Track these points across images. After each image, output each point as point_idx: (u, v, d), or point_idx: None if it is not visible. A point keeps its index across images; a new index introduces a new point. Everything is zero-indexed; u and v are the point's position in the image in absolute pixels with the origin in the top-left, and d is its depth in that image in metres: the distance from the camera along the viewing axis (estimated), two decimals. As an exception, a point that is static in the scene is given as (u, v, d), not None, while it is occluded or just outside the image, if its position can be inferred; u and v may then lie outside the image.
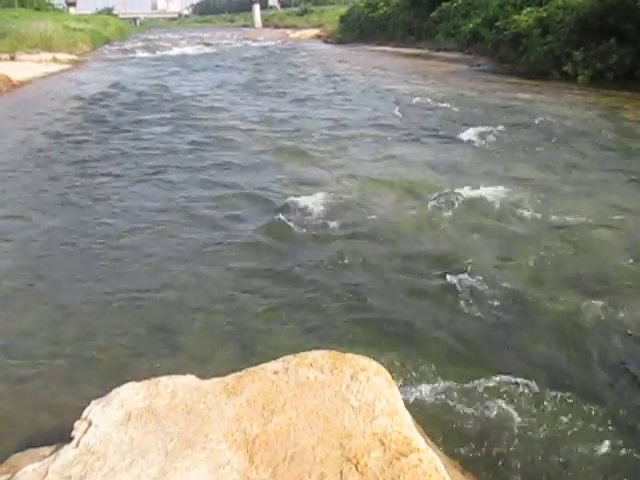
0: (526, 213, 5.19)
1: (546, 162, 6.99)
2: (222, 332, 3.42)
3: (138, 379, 2.24)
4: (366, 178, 6.33)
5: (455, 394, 2.75)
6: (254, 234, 4.91)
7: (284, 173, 6.74)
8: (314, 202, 5.54)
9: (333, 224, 5.08)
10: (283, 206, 5.54)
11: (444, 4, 26.36)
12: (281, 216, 5.20)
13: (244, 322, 3.52)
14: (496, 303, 3.69)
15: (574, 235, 4.68)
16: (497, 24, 19.03)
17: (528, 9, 17.67)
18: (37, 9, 41.46)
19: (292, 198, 5.63)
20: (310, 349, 2.27)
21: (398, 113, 10.45)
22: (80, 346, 3.32)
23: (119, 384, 2.22)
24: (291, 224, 5.05)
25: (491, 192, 5.63)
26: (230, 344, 3.29)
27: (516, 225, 4.99)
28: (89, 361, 3.18)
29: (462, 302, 3.72)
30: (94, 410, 2.05)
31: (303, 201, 5.55)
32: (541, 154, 7.41)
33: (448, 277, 4.04)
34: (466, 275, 4.05)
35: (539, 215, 5.12)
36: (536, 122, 9.55)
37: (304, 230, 4.95)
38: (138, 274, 4.18)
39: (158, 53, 29.55)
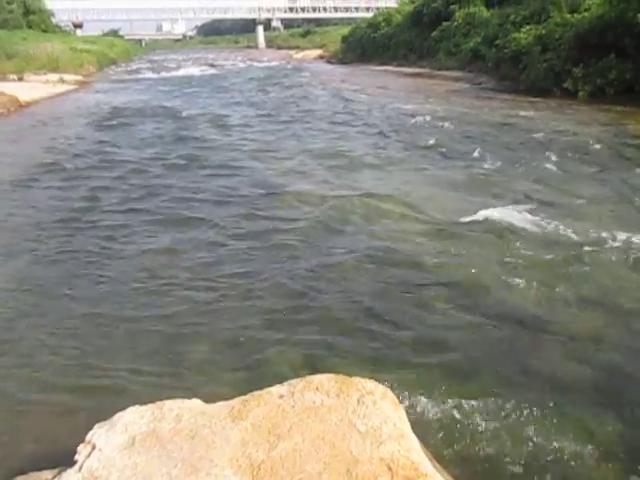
0: (530, 230, 5.18)
1: (548, 179, 6.99)
2: (227, 354, 3.39)
3: (142, 402, 2.23)
4: (369, 196, 6.32)
5: (464, 417, 2.71)
6: (256, 252, 4.90)
7: (288, 188, 6.74)
8: (317, 219, 5.55)
9: (336, 242, 5.08)
10: (286, 221, 5.56)
11: (444, 23, 26.67)
12: (284, 233, 5.21)
13: (249, 343, 3.49)
14: (504, 322, 3.66)
15: (579, 252, 4.66)
16: (497, 42, 19.23)
17: (527, 27, 17.86)
18: (45, 31, 41.99)
19: (292, 214, 5.65)
20: (316, 371, 2.25)
21: (402, 132, 10.51)
22: (84, 368, 3.30)
23: (123, 407, 2.21)
24: (294, 241, 5.05)
25: (495, 210, 5.62)
26: (235, 366, 3.26)
27: (520, 242, 4.96)
28: (93, 383, 3.15)
29: (470, 321, 3.70)
30: (98, 434, 2.04)
31: (306, 217, 5.56)
32: (543, 171, 7.42)
33: (454, 295, 4.02)
34: (472, 293, 4.03)
35: (543, 232, 5.11)
36: (538, 139, 9.60)
37: (307, 248, 4.95)
38: (142, 297, 4.14)
39: (163, 74, 29.80)
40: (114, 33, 75.50)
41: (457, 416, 2.71)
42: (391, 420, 1.93)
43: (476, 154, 8.31)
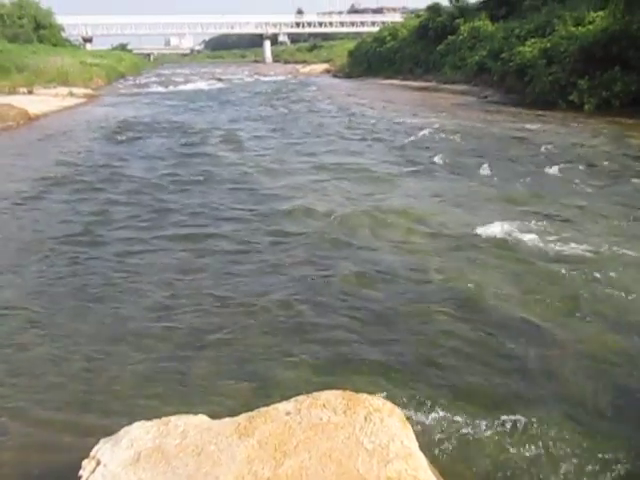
0: (537, 244, 5.15)
1: (556, 192, 6.96)
2: (233, 368, 3.37)
3: (148, 417, 2.21)
4: (376, 210, 6.32)
5: (472, 435, 2.68)
6: (263, 267, 4.89)
7: (295, 203, 6.73)
8: (324, 233, 5.55)
9: (343, 257, 5.07)
10: (293, 236, 5.56)
11: (450, 37, 26.84)
12: (291, 248, 5.21)
13: (255, 358, 3.48)
14: (512, 338, 3.63)
15: (587, 267, 4.62)
16: (502, 56, 19.31)
17: (532, 40, 17.95)
18: (55, 45, 42.50)
19: (301, 229, 5.66)
20: (322, 387, 2.24)
21: (408, 146, 10.52)
22: (90, 382, 3.29)
23: (128, 421, 2.20)
24: (301, 256, 5.05)
25: (502, 224, 5.60)
26: (242, 380, 3.24)
27: (528, 256, 4.94)
28: (98, 397, 3.14)
29: (477, 337, 3.67)
30: (103, 449, 2.03)
31: (313, 232, 5.57)
32: (550, 184, 7.40)
33: (461, 311, 4.00)
34: (479, 308, 4.01)
35: (550, 246, 5.08)
36: (545, 152, 9.60)
37: (314, 263, 4.94)
38: (149, 312, 4.14)
39: (171, 88, 30.00)
40: (123, 47, 76.46)
41: (465, 434, 2.68)
42: (398, 438, 1.90)
43: (483, 168, 8.30)
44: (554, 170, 8.18)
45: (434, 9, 29.37)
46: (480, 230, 5.53)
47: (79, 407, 3.07)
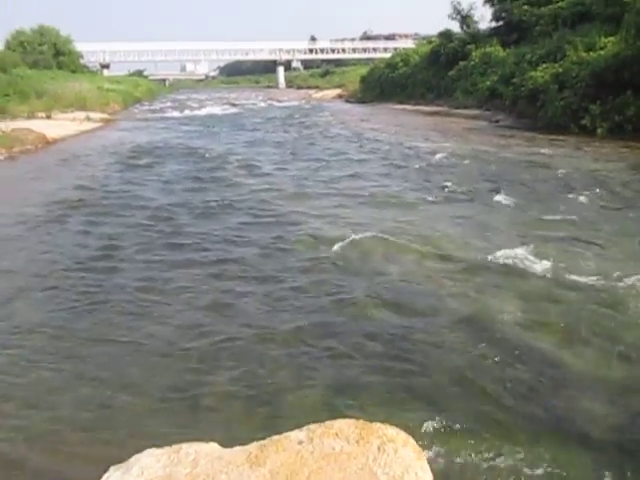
0: (551, 270, 5.09)
1: (569, 217, 6.91)
2: (244, 395, 3.34)
3: (158, 443, 2.19)
4: (389, 235, 6.29)
5: (488, 466, 2.62)
6: (276, 292, 4.87)
7: (305, 225, 6.77)
8: (336, 259, 5.54)
9: (355, 282, 5.05)
10: (307, 261, 5.55)
11: (461, 63, 27.12)
12: (305, 273, 5.20)
13: (266, 384, 3.45)
14: (527, 366, 3.57)
15: (601, 294, 4.57)
16: (514, 81, 19.46)
17: (544, 65, 18.06)
18: (73, 71, 43.51)
19: (312, 250, 5.66)
20: (334, 414, 2.21)
21: (421, 170, 10.53)
22: (100, 407, 3.28)
23: (139, 447, 2.17)
24: (314, 281, 5.04)
25: (516, 249, 5.56)
26: (253, 407, 3.21)
27: (542, 282, 4.90)
28: (109, 423, 3.13)
29: (491, 364, 3.61)
30: (113, 477, 2.00)
31: (325, 257, 5.56)
32: (564, 209, 7.34)
33: (474, 337, 3.95)
34: (492, 335, 3.96)
35: (564, 272, 5.03)
36: (558, 176, 9.58)
37: (327, 288, 4.93)
38: (159, 337, 4.13)
39: (186, 112, 30.45)
40: (139, 73, 78.13)
41: (481, 465, 2.62)
42: (413, 469, 1.86)
43: (496, 192, 8.28)
44: (568, 195, 8.14)
45: (446, 35, 29.73)
46: (494, 255, 5.49)
47: (90, 433, 3.05)
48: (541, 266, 5.19)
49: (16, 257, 6.01)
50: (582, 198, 7.91)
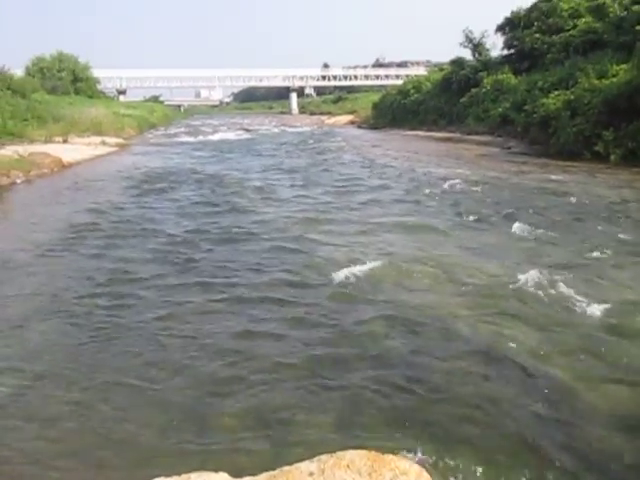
0: (567, 299, 5.02)
1: (584, 245, 6.84)
2: (254, 423, 3.29)
3: (168, 472, 2.16)
4: (402, 261, 6.26)
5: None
6: (288, 319, 4.83)
7: (319, 252, 6.73)
8: (349, 286, 5.51)
9: (368, 308, 5.00)
10: (318, 286, 5.52)
11: (473, 90, 27.31)
12: (317, 299, 5.17)
13: (277, 412, 3.39)
14: (543, 396, 3.49)
15: (618, 323, 4.48)
16: (526, 107, 19.52)
17: (555, 92, 18.11)
18: (90, 97, 44.47)
19: (325, 276, 5.63)
20: (346, 443, 2.15)
21: (433, 196, 10.49)
22: (109, 435, 3.23)
23: (148, 476, 2.14)
24: (326, 308, 5.00)
25: (530, 275, 5.49)
26: (263, 436, 3.15)
27: (556, 310, 4.82)
28: (118, 451, 3.08)
29: (507, 394, 3.54)
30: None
31: (339, 283, 5.54)
32: (578, 236, 7.27)
33: (488, 365, 3.88)
34: (507, 363, 3.88)
35: (578, 299, 4.95)
36: (571, 203, 9.51)
37: (339, 314, 4.88)
38: (170, 365, 4.08)
39: (200, 138, 30.85)
40: (155, 99, 79.56)
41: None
42: (426, 504, 1.80)
43: (508, 219, 8.23)
44: (582, 222, 8.07)
45: (458, 63, 30.03)
46: (508, 282, 5.43)
47: (98, 462, 3.01)
48: (556, 293, 5.12)
49: (27, 283, 5.95)
50: (597, 225, 7.83)
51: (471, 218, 8.54)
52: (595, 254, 6.41)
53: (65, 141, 21.53)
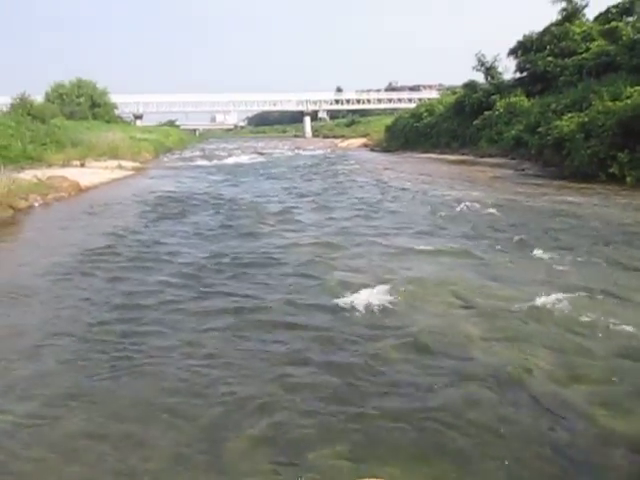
0: (585, 323, 4.93)
1: (602, 269, 6.75)
2: (267, 450, 3.25)
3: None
4: (416, 284, 6.22)
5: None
6: (302, 343, 4.80)
7: (336, 276, 6.69)
8: (363, 307, 5.49)
9: (383, 332, 4.96)
10: (335, 311, 5.50)
11: (486, 113, 27.41)
12: (331, 323, 5.15)
13: (290, 440, 3.35)
14: (560, 425, 3.41)
15: (637, 347, 4.39)
16: (539, 130, 19.50)
17: (569, 115, 18.09)
18: (108, 121, 45.39)
19: (341, 301, 5.62)
20: (360, 473, 2.11)
21: (447, 219, 10.44)
22: (120, 461, 3.21)
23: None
24: (341, 331, 4.97)
25: (547, 300, 5.42)
26: (276, 463, 3.11)
27: (572, 334, 4.74)
28: (129, 478, 3.05)
29: (523, 423, 3.46)
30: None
31: (355, 308, 5.50)
32: (594, 260, 7.15)
33: (506, 394, 3.81)
34: (525, 391, 3.81)
35: (599, 325, 4.86)
36: (587, 225, 9.42)
37: (354, 338, 4.84)
38: (183, 390, 4.06)
39: (215, 161, 31.13)
40: (171, 123, 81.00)
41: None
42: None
43: (524, 242, 8.16)
44: (598, 244, 7.98)
45: (470, 86, 30.22)
46: (524, 305, 5.36)
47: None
48: (573, 318, 5.04)
49: (42, 308, 5.90)
50: (614, 249, 7.73)
51: (486, 241, 8.47)
52: (613, 278, 6.32)
53: (82, 165, 21.90)
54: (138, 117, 72.23)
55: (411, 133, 35.68)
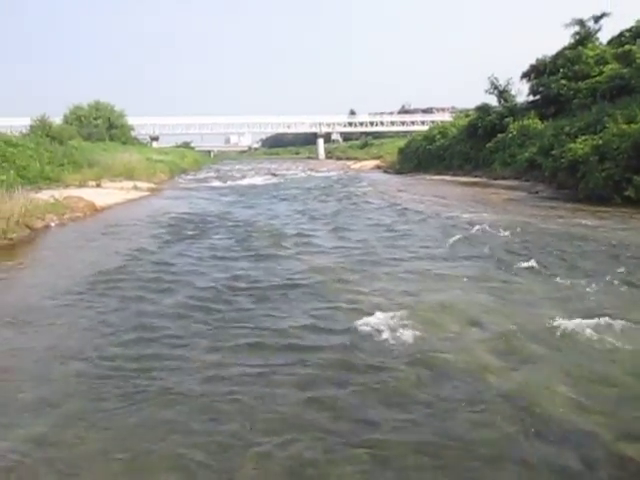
0: (603, 348, 4.85)
1: (619, 293, 6.64)
2: (281, 474, 3.21)
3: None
4: (430, 308, 6.16)
5: None
6: (315, 371, 4.74)
7: (344, 299, 6.68)
8: (379, 331, 5.45)
9: (396, 356, 4.92)
10: (348, 333, 5.46)
11: (499, 135, 27.43)
12: (344, 346, 5.12)
13: (304, 464, 3.31)
14: (576, 455, 3.32)
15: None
16: (553, 152, 19.43)
17: (583, 137, 18.01)
18: (124, 143, 46.22)
19: (357, 325, 5.59)
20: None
21: (460, 242, 10.35)
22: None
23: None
24: (355, 356, 4.94)
25: (564, 324, 5.34)
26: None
27: (586, 358, 4.66)
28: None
29: (541, 452, 3.38)
30: None
31: (368, 330, 5.47)
32: (610, 283, 7.03)
33: (520, 420, 3.73)
34: (539, 417, 3.73)
35: (617, 350, 4.78)
36: (602, 249, 9.28)
37: (366, 362, 4.81)
38: (196, 414, 4.03)
39: (229, 182, 31.44)
40: (186, 145, 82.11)
41: None
42: None
43: (537, 264, 8.06)
44: (613, 268, 7.84)
45: (483, 109, 30.30)
46: (540, 330, 5.30)
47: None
48: (591, 342, 4.96)
49: (50, 333, 5.76)
50: (631, 273, 7.60)
51: (502, 264, 8.38)
52: (630, 302, 6.22)
53: (99, 185, 22.20)
54: (154, 139, 73.30)
55: (424, 155, 35.79)
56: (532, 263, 8.15)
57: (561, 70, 26.33)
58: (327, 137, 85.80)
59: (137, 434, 3.74)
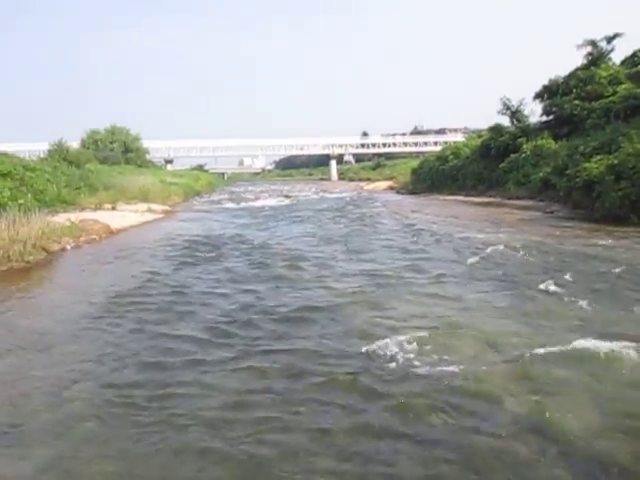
0: (622, 372, 4.74)
1: (633, 313, 6.51)
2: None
3: None
4: (444, 331, 6.09)
5: None
6: (326, 394, 4.70)
7: (359, 319, 6.63)
8: (390, 353, 5.39)
9: (407, 380, 4.85)
10: (356, 355, 5.40)
11: (513, 155, 27.39)
12: (361, 369, 5.06)
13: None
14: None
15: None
16: (568, 172, 19.32)
17: (598, 157, 17.91)
18: (140, 166, 46.89)
19: (366, 348, 5.53)
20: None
21: (475, 263, 10.26)
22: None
23: None
24: (367, 379, 4.89)
25: (581, 347, 5.24)
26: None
27: (610, 384, 4.55)
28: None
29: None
30: None
31: (380, 354, 5.41)
32: (627, 305, 6.91)
33: (539, 448, 3.64)
34: (559, 443, 3.64)
35: (626, 369, 4.68)
36: (619, 270, 9.12)
37: (376, 387, 4.75)
38: (209, 435, 4.01)
39: (242, 204, 31.64)
40: (200, 167, 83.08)
41: None
42: None
43: (553, 285, 7.95)
44: (630, 289, 7.72)
45: (496, 130, 30.33)
46: (557, 352, 5.19)
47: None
48: (609, 366, 4.85)
49: (63, 359, 5.69)
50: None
51: (517, 286, 8.28)
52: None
53: (114, 208, 22.45)
54: (169, 162, 74.33)
55: (437, 176, 35.83)
56: (550, 284, 8.04)
57: (574, 90, 26.36)
58: (340, 158, 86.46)
59: (153, 460, 3.71)
